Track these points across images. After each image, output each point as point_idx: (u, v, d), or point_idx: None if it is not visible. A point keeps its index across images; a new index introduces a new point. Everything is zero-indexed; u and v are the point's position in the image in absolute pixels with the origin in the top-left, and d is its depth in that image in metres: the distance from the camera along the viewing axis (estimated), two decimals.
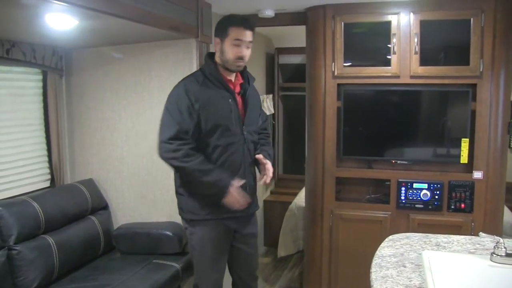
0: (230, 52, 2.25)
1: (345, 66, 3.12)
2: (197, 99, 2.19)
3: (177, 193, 2.39)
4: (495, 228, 3.05)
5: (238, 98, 2.35)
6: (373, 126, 3.22)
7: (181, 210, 2.38)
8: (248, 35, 2.26)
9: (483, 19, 2.87)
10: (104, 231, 3.06)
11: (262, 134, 2.57)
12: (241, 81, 2.40)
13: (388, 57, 3.04)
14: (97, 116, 3.18)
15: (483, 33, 2.88)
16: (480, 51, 2.89)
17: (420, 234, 2.08)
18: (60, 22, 2.12)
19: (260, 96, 3.86)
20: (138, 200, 3.17)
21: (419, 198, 3.06)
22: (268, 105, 4.42)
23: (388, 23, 3.01)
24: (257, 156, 2.38)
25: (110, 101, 3.13)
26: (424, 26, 2.94)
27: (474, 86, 2.95)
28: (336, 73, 3.14)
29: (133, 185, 3.17)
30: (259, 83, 4.43)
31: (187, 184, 2.30)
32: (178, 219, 3.04)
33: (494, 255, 1.73)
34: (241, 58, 2.26)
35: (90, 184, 3.15)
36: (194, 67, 2.87)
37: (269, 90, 4.78)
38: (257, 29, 4.29)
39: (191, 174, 2.18)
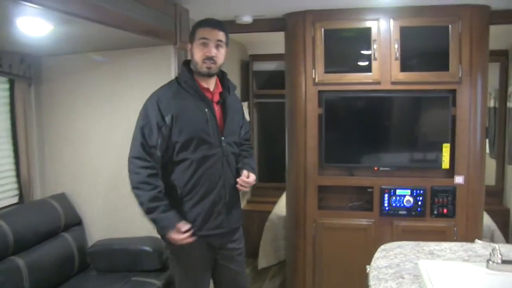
0: (197, 54, 2.13)
1: (325, 72, 3.09)
2: (168, 111, 2.08)
3: None
4: (476, 232, 3.08)
5: (217, 108, 2.21)
6: (354, 133, 3.19)
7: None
8: (215, 34, 2.13)
9: (460, 26, 2.90)
10: (79, 248, 2.89)
11: (244, 145, 2.42)
12: (220, 89, 2.26)
13: (368, 63, 3.02)
14: (69, 127, 3.02)
15: (461, 40, 2.91)
16: (459, 57, 2.92)
17: (412, 242, 2.05)
18: (33, 27, 1.98)
19: None
20: (115, 214, 3.02)
21: (402, 205, 3.05)
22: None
23: (368, 30, 3.00)
24: (241, 173, 2.25)
25: (84, 111, 2.98)
26: (404, 33, 2.95)
27: (453, 91, 2.98)
28: (316, 80, 3.11)
29: (109, 199, 3.02)
30: None
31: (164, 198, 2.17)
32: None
33: (490, 262, 1.72)
34: (209, 58, 2.11)
35: (62, 199, 2.98)
36: (173, 75, 2.76)
37: (244, 97, 4.71)
38: (232, 36, 4.25)
39: (139, 203, 2.14)
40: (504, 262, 1.71)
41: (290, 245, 3.43)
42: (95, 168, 3.01)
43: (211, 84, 2.22)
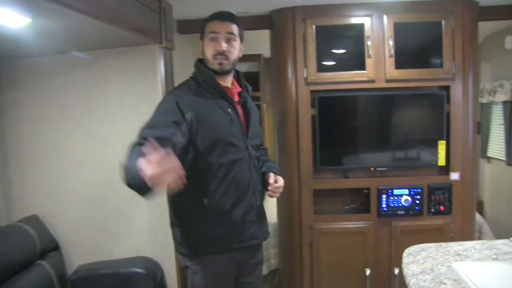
0: (207, 50, 1.92)
1: (318, 71, 2.95)
2: (189, 109, 1.81)
3: (173, 225, 2.00)
4: (470, 227, 3.09)
5: (238, 108, 2.00)
6: (350, 133, 3.08)
7: (179, 244, 1.97)
8: (226, 27, 1.92)
9: (453, 22, 2.88)
10: (58, 276, 2.54)
11: (261, 150, 2.21)
12: (239, 89, 2.04)
13: (362, 61, 2.92)
14: (40, 139, 2.64)
15: (454, 36, 2.89)
16: (452, 53, 2.90)
17: (433, 244, 1.97)
18: (6, 20, 1.65)
19: None
20: (97, 235, 2.68)
21: (400, 205, 2.99)
22: None
23: (361, 26, 2.91)
24: (268, 175, 2.04)
25: (56, 120, 2.61)
26: (398, 29, 2.88)
27: (447, 88, 2.96)
28: (309, 80, 2.96)
29: (89, 218, 2.68)
30: None
31: (188, 212, 1.92)
32: (148, 253, 2.67)
33: None
34: (220, 53, 1.90)
35: (35, 221, 2.60)
36: (159, 78, 2.50)
37: None
38: (196, 36, 4.05)
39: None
40: None
41: (284, 253, 3.26)
42: (72, 184, 2.66)
43: (228, 82, 2.01)
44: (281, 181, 2.04)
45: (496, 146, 4.38)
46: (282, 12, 2.98)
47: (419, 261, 1.80)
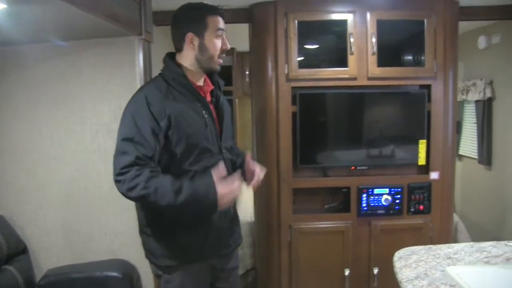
0: (214, 47, 1.81)
1: (299, 68, 2.88)
2: (162, 115, 1.69)
3: (142, 233, 1.88)
4: (448, 225, 3.11)
5: (211, 108, 1.89)
6: (331, 131, 3.04)
7: (151, 254, 1.86)
8: (224, 24, 1.87)
9: (435, 21, 2.87)
10: (26, 281, 2.37)
11: (234, 149, 2.11)
12: (211, 86, 1.93)
13: (344, 58, 2.87)
14: (8, 134, 2.45)
15: (436, 35, 2.88)
16: (434, 52, 2.89)
17: (422, 246, 1.95)
18: None
19: None
20: (69, 236, 2.53)
21: (380, 204, 2.97)
22: None
23: (344, 22, 2.85)
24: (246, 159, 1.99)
25: (26, 115, 2.43)
26: (381, 26, 2.85)
27: (428, 86, 2.95)
28: (290, 76, 2.89)
29: (60, 218, 2.52)
30: None
31: (161, 221, 1.80)
32: (123, 255, 2.54)
33: None
34: (223, 52, 1.85)
35: (1, 223, 2.43)
36: (137, 71, 2.36)
37: None
38: None
39: (159, 202, 1.61)
40: None
41: (262, 253, 3.19)
42: (42, 182, 2.49)
43: (202, 81, 1.90)
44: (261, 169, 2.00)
45: (468, 145, 4.45)
46: (263, 5, 2.90)
47: (411, 265, 1.76)
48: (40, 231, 2.54)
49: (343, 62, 2.88)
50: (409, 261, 1.80)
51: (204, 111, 1.82)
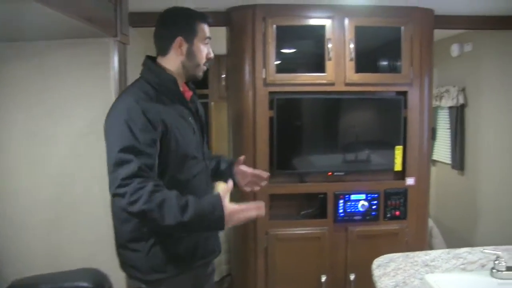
0: (202, 54, 1.75)
1: (277, 72, 2.86)
2: (158, 121, 1.60)
3: (125, 249, 1.77)
4: (423, 231, 3.14)
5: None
6: (308, 137, 3.02)
7: (137, 270, 1.75)
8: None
9: (412, 28, 2.89)
10: None
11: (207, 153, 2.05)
12: (190, 92, 1.86)
13: (322, 63, 2.86)
14: None
15: (412, 42, 2.90)
16: (410, 59, 2.91)
17: (400, 254, 1.93)
18: None
19: None
20: (37, 244, 2.42)
21: (357, 210, 2.97)
22: None
23: (323, 28, 2.85)
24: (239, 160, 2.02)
25: None
26: (359, 32, 2.85)
27: (404, 93, 2.97)
28: (267, 81, 2.86)
29: (27, 225, 2.40)
30: None
31: (149, 234, 1.70)
32: (95, 263, 2.44)
33: (495, 270, 1.66)
34: (209, 60, 1.79)
35: None
36: (112, 74, 2.29)
37: None
38: (152, 29, 3.84)
39: (163, 218, 1.52)
40: (509, 268, 1.66)
41: (238, 259, 3.14)
42: (8, 188, 2.37)
43: (181, 86, 1.82)
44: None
45: (441, 150, 4.52)
46: (241, 9, 2.87)
47: (390, 273, 1.74)
48: (5, 240, 2.42)
49: (321, 68, 2.87)
50: (388, 269, 1.78)
51: (190, 118, 1.77)
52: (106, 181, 2.10)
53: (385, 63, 3.00)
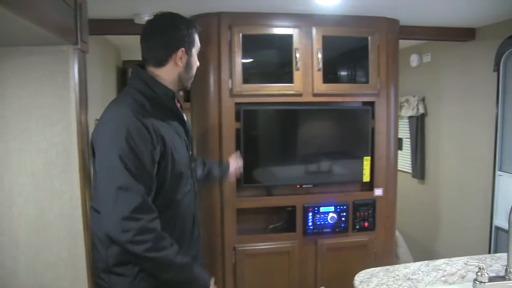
0: (196, 65, 1.73)
1: (244, 83, 2.77)
2: (158, 138, 1.50)
3: (110, 273, 1.61)
4: (391, 241, 3.13)
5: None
6: (276, 149, 2.94)
7: None
8: None
9: (378, 38, 2.89)
10: None
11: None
12: (178, 103, 1.76)
13: (290, 74, 2.80)
14: None
15: (379, 52, 2.90)
16: (377, 69, 2.90)
17: (380, 268, 1.91)
18: None
19: None
20: None
21: (326, 222, 2.91)
22: None
23: (290, 37, 2.78)
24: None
25: None
26: (326, 42, 2.81)
27: (371, 103, 2.96)
28: (234, 91, 2.76)
29: None
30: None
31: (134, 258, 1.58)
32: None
33: (478, 282, 1.67)
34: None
35: None
36: (72, 84, 2.11)
37: None
38: (108, 37, 3.66)
39: (163, 268, 1.51)
40: (491, 279, 1.68)
41: None
42: None
43: None
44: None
45: (402, 159, 4.57)
46: (206, 17, 2.75)
47: None
48: None
49: (288, 78, 2.81)
50: (371, 285, 1.74)
51: (182, 133, 1.68)
52: (66, 200, 1.94)
53: (353, 73, 2.98)
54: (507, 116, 3.04)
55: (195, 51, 1.69)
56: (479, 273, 1.67)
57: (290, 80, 2.80)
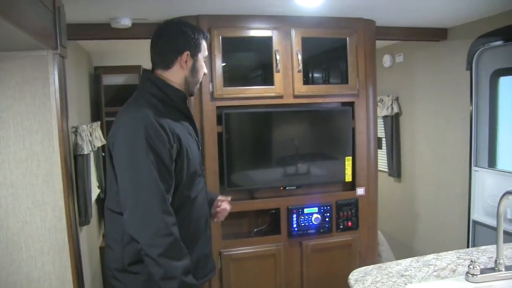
0: (203, 71, 1.79)
1: (225, 86, 2.74)
2: (174, 138, 1.60)
3: (125, 272, 1.67)
4: (374, 240, 3.16)
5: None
6: (258, 151, 2.92)
7: None
8: None
9: (356, 39, 2.92)
10: None
11: None
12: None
13: (270, 76, 2.79)
14: None
15: (357, 53, 2.93)
16: (356, 69, 2.93)
17: (372, 266, 1.93)
18: None
19: (88, 126, 3.13)
20: None
21: (311, 223, 2.92)
22: (99, 135, 3.64)
23: (269, 39, 2.78)
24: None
25: None
26: (305, 44, 2.82)
27: (351, 104, 2.98)
28: (215, 95, 2.74)
29: None
30: (85, 110, 3.62)
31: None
32: None
33: (470, 275, 1.73)
34: (204, 76, 1.87)
35: None
36: (52, 90, 2.04)
37: (95, 117, 3.98)
38: (80, 42, 3.57)
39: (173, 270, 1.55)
40: (482, 271, 1.73)
41: None
42: None
43: None
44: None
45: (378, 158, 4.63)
46: (184, 20, 2.71)
47: (370, 287, 1.70)
48: None
49: (269, 80, 2.80)
50: (366, 284, 1.75)
51: (193, 133, 1.78)
52: (49, 211, 1.87)
53: (332, 74, 3.00)
54: (481, 113, 3.12)
55: (201, 56, 1.75)
56: (471, 266, 1.73)
57: (271, 82, 2.79)
